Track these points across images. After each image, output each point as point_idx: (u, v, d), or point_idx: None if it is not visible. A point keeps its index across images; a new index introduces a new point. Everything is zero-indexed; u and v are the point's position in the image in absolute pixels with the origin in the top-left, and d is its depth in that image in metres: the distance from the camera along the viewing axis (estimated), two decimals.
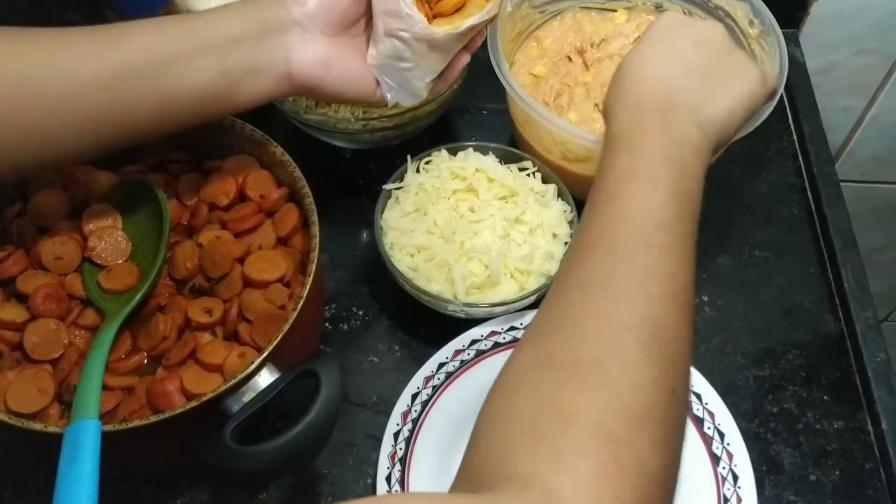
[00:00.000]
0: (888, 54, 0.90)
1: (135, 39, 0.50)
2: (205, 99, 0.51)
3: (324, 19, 0.52)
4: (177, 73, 0.50)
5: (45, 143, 0.49)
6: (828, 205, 0.75)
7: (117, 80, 0.48)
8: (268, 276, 0.57)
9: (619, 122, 0.51)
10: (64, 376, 0.54)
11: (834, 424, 0.65)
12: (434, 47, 0.54)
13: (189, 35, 0.50)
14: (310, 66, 0.52)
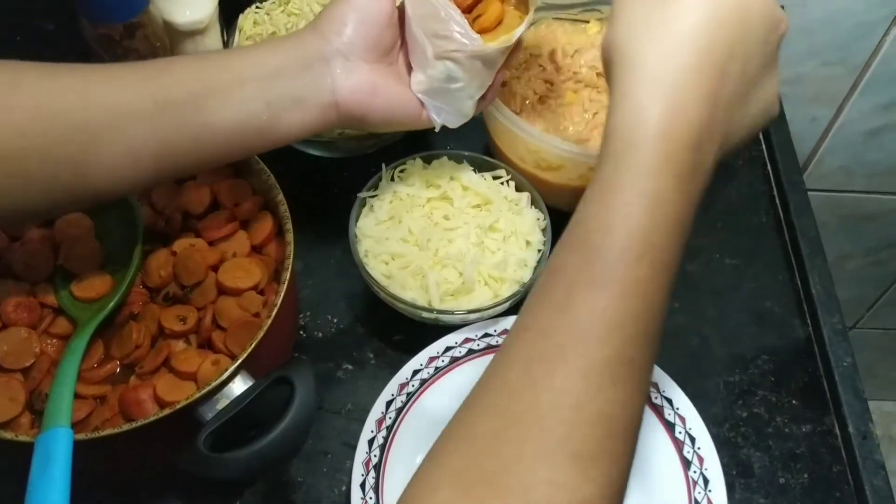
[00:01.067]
0: (853, 66, 0.92)
1: (175, 72, 0.49)
2: (246, 131, 0.51)
3: (363, 46, 0.52)
4: (218, 105, 0.49)
5: (82, 177, 0.48)
6: (796, 213, 0.77)
7: (158, 112, 0.48)
8: (242, 283, 0.57)
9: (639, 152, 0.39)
10: (35, 385, 0.54)
11: (802, 428, 0.66)
12: (485, 63, 0.55)
13: (229, 68, 0.50)
14: (356, 93, 0.52)
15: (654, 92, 0.39)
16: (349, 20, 0.52)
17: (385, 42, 0.54)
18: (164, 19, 0.68)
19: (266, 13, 0.75)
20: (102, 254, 0.59)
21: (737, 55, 0.40)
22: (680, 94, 0.39)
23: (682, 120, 0.39)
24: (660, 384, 0.63)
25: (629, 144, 0.39)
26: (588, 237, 0.39)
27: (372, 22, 0.53)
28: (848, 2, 0.85)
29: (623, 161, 0.39)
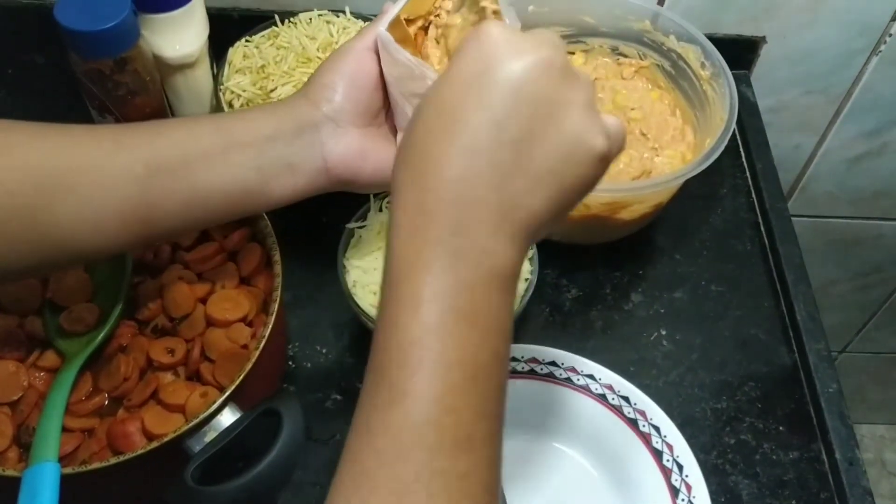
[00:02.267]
0: (835, 94, 0.93)
1: (167, 135, 0.50)
2: (237, 195, 0.51)
3: (352, 111, 0.53)
4: (208, 169, 0.49)
5: (71, 237, 0.47)
6: (780, 240, 0.78)
7: (149, 176, 0.48)
8: (230, 315, 0.57)
9: (397, 236, 0.38)
10: (23, 419, 0.54)
11: (789, 455, 0.66)
12: None
13: (221, 132, 0.50)
14: (346, 158, 0.53)
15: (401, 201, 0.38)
16: (338, 87, 0.53)
17: (373, 106, 0.54)
18: (154, 53, 0.68)
19: (255, 46, 0.76)
20: (91, 286, 0.60)
21: (479, 127, 0.37)
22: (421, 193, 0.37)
23: (427, 217, 0.37)
24: (647, 412, 0.63)
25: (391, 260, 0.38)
26: (374, 354, 0.38)
27: (360, 87, 0.53)
28: (828, 33, 0.86)
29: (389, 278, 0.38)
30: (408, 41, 0.53)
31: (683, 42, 0.75)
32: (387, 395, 0.36)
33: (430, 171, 0.37)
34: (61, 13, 0.62)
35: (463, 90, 0.38)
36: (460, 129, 0.37)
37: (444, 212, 0.37)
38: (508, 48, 0.38)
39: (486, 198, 0.37)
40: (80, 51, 0.64)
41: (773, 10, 0.84)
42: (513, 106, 0.37)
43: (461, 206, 0.37)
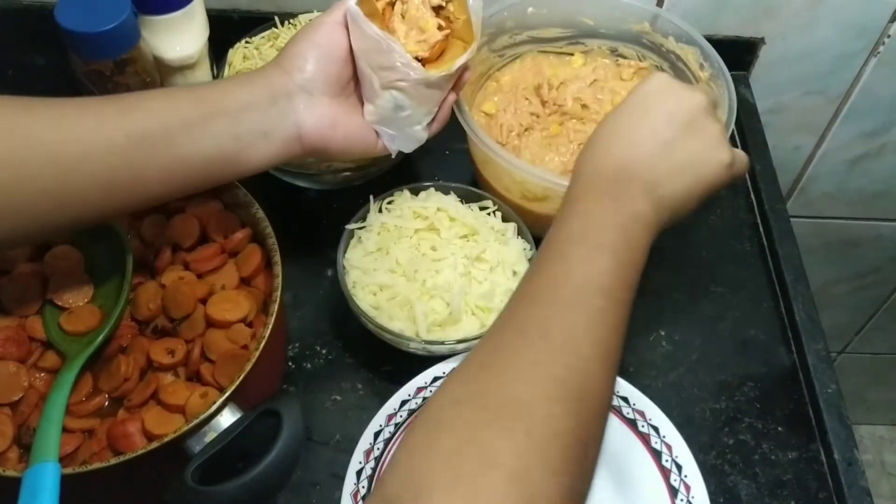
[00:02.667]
0: (834, 95, 0.93)
1: (148, 106, 0.51)
2: (215, 163, 0.53)
3: (324, 81, 0.55)
4: (189, 138, 0.51)
5: (59, 206, 0.49)
6: (779, 241, 0.78)
7: (131, 146, 0.50)
8: (230, 316, 0.57)
9: (578, 184, 0.51)
10: (23, 419, 0.54)
11: (788, 455, 0.66)
12: (430, 90, 0.58)
13: (200, 102, 0.52)
14: (319, 127, 0.55)
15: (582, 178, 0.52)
16: (310, 57, 0.55)
17: (344, 77, 0.57)
18: (154, 55, 0.69)
19: (255, 48, 0.76)
20: (91, 287, 0.60)
21: (640, 126, 0.52)
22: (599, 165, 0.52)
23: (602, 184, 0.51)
24: (646, 412, 0.63)
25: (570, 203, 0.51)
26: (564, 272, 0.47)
27: (331, 58, 0.56)
28: (827, 34, 0.86)
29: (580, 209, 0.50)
30: (375, 16, 0.55)
31: (682, 43, 0.75)
32: (571, 303, 0.45)
33: (604, 155, 0.52)
34: (62, 15, 0.62)
35: (635, 110, 0.53)
36: (628, 132, 0.52)
37: (610, 181, 0.50)
38: (673, 88, 0.54)
39: (639, 175, 0.50)
40: (81, 52, 0.64)
41: (771, 11, 0.85)
42: (666, 120, 0.52)
43: (622, 179, 0.50)
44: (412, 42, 0.57)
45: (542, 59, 0.81)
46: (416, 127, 0.60)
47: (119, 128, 0.50)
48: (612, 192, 0.50)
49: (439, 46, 0.58)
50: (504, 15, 0.76)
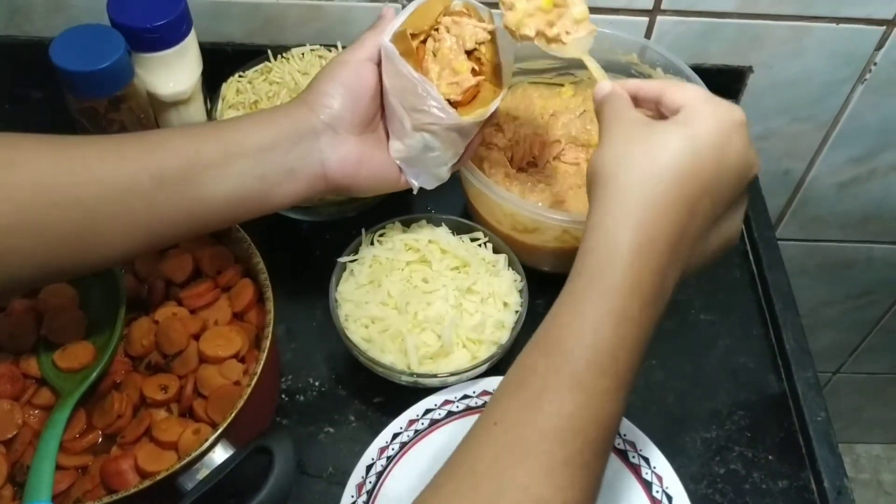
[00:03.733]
0: (822, 122, 0.94)
1: (170, 146, 0.51)
2: (239, 202, 0.53)
3: (350, 119, 0.55)
4: (212, 178, 0.51)
5: (81, 249, 0.49)
6: (768, 268, 0.78)
7: (153, 187, 0.49)
8: (223, 352, 0.58)
9: (622, 250, 0.43)
10: (17, 457, 0.55)
11: (779, 484, 0.66)
12: (460, 134, 0.58)
13: (223, 142, 0.52)
14: (344, 165, 0.55)
15: (629, 220, 0.43)
16: (336, 94, 0.55)
17: (370, 114, 0.57)
18: (147, 91, 0.69)
19: (248, 82, 0.77)
20: (85, 323, 0.60)
21: (708, 193, 0.44)
22: (652, 226, 0.43)
23: (650, 250, 0.43)
24: (636, 443, 0.64)
25: (603, 265, 0.43)
26: (561, 344, 0.43)
27: (358, 96, 0.55)
28: (814, 62, 0.87)
29: (596, 279, 0.43)
30: (410, 55, 0.55)
31: (670, 74, 0.76)
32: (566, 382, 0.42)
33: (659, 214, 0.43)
34: (57, 53, 0.63)
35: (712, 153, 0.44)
36: (694, 188, 0.44)
37: (667, 253, 0.43)
38: (753, 149, 0.46)
39: (684, 252, 0.45)
40: (75, 90, 0.65)
41: (759, 40, 0.86)
42: (729, 187, 0.45)
43: (673, 254, 0.44)
44: (444, 84, 0.57)
45: (533, 90, 0.82)
46: (443, 167, 0.61)
47: (141, 169, 0.49)
48: (653, 288, 0.43)
49: (472, 90, 0.58)
50: None
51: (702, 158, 0.43)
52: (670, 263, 0.44)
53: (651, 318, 0.44)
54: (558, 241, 0.69)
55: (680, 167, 0.43)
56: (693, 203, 0.44)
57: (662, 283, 0.44)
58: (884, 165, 1.00)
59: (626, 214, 0.43)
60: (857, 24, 0.84)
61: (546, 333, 0.44)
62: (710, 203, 0.44)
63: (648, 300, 0.43)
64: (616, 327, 0.42)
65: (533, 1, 0.56)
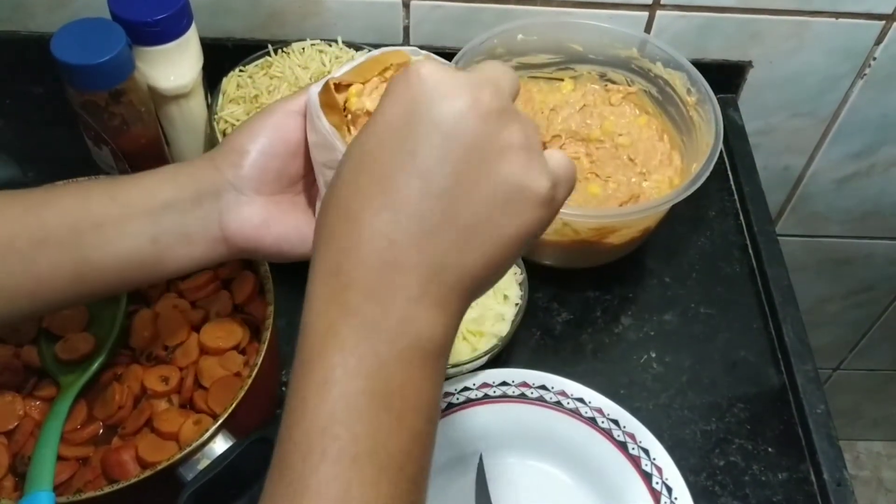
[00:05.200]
0: (822, 117, 0.95)
1: (56, 204, 0.47)
2: (129, 267, 0.48)
3: (259, 179, 0.49)
4: (100, 240, 0.46)
5: None
6: (768, 262, 0.79)
7: (33, 248, 0.45)
8: (223, 343, 0.58)
9: (310, 306, 0.35)
10: (19, 448, 0.55)
11: (779, 476, 0.67)
12: None
13: (116, 200, 0.47)
14: (245, 228, 0.49)
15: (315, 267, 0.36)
16: (249, 151, 0.49)
17: (289, 172, 0.50)
18: (149, 84, 0.70)
19: (249, 76, 0.77)
20: (86, 315, 0.61)
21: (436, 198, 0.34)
22: (333, 257, 0.35)
23: (336, 285, 0.34)
24: (636, 435, 0.64)
25: (303, 328, 0.35)
26: (280, 443, 0.35)
27: (274, 154, 0.49)
28: (814, 57, 0.88)
29: (299, 355, 0.35)
30: (334, 107, 0.49)
31: (670, 69, 0.77)
32: (287, 489, 0.33)
33: (347, 229, 0.34)
34: (57, 47, 0.63)
35: (386, 137, 0.35)
36: (381, 181, 0.34)
37: (361, 276, 0.34)
38: (437, 89, 0.35)
39: (408, 259, 0.34)
40: (76, 83, 0.65)
41: (759, 36, 0.86)
42: (440, 154, 0.34)
43: (379, 269, 0.33)
44: None
45: (532, 84, 0.82)
46: None
47: (21, 229, 0.45)
48: (366, 315, 0.34)
49: None
50: (494, 42, 0.77)
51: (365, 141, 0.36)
52: (371, 285, 0.34)
53: (377, 358, 0.34)
54: (558, 234, 0.69)
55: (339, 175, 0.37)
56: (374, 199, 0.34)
57: (371, 311, 0.34)
58: (884, 161, 1.00)
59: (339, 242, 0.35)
60: (856, 18, 0.84)
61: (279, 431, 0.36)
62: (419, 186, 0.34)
63: (352, 345, 0.34)
64: (319, 398, 0.33)
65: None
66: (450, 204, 0.34)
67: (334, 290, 0.34)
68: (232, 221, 0.48)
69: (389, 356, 0.33)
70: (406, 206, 0.34)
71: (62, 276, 0.46)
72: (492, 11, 0.84)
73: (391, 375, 0.33)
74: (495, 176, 0.35)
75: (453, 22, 0.85)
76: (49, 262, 0.45)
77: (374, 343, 0.33)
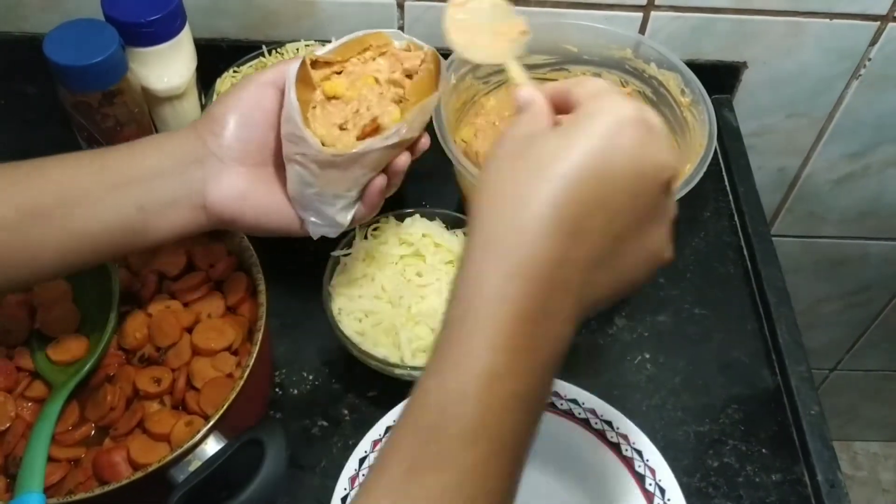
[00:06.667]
0: (817, 117, 0.95)
1: (46, 177, 0.48)
2: (118, 235, 0.49)
3: (241, 150, 0.51)
4: (87, 211, 0.48)
5: None
6: (762, 263, 0.79)
7: (23, 220, 0.47)
8: (215, 344, 0.58)
9: (474, 285, 0.37)
10: (10, 449, 0.55)
11: (772, 477, 0.67)
12: (337, 170, 0.52)
13: (103, 171, 0.49)
14: (226, 198, 0.51)
15: (493, 258, 0.36)
16: (229, 121, 0.51)
17: (267, 144, 0.52)
18: (142, 85, 0.70)
19: (243, 77, 0.77)
20: (79, 317, 0.61)
21: (600, 207, 0.36)
22: (520, 260, 0.36)
23: (520, 290, 0.36)
24: (629, 436, 0.64)
25: (466, 313, 0.36)
26: (424, 417, 0.37)
27: (252, 124, 0.51)
28: (809, 58, 0.88)
29: (460, 332, 0.37)
30: (307, 82, 0.51)
31: (664, 69, 0.76)
32: (432, 461, 0.35)
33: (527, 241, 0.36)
34: (50, 47, 0.63)
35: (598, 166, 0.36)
36: (581, 203, 0.36)
37: (540, 288, 0.36)
38: (660, 147, 0.38)
39: (573, 283, 0.37)
40: (68, 84, 0.65)
41: (753, 36, 0.86)
42: (630, 201, 0.37)
43: (553, 288, 0.36)
44: (350, 114, 0.52)
45: None
46: (329, 209, 0.54)
47: (9, 202, 0.46)
48: (528, 336, 0.36)
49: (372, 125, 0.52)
50: None
51: (581, 168, 0.36)
52: (551, 302, 0.36)
53: (531, 370, 0.37)
54: None
55: (553, 193, 0.36)
56: (575, 222, 0.36)
57: (543, 327, 0.36)
58: (879, 161, 1.00)
59: (491, 253, 0.36)
60: (851, 19, 0.84)
61: (412, 404, 0.38)
62: (601, 223, 0.37)
63: (523, 351, 0.36)
64: (483, 390, 0.35)
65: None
66: (616, 248, 0.38)
67: (514, 291, 0.36)
68: (214, 189, 0.50)
69: (543, 364, 0.37)
70: (591, 234, 0.37)
71: (53, 245, 0.47)
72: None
73: (539, 381, 0.37)
74: (655, 237, 0.39)
75: None
76: (39, 233, 0.47)
77: (537, 351, 0.37)
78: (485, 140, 0.76)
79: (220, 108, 0.51)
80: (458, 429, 0.35)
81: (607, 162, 0.36)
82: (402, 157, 0.55)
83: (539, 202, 0.36)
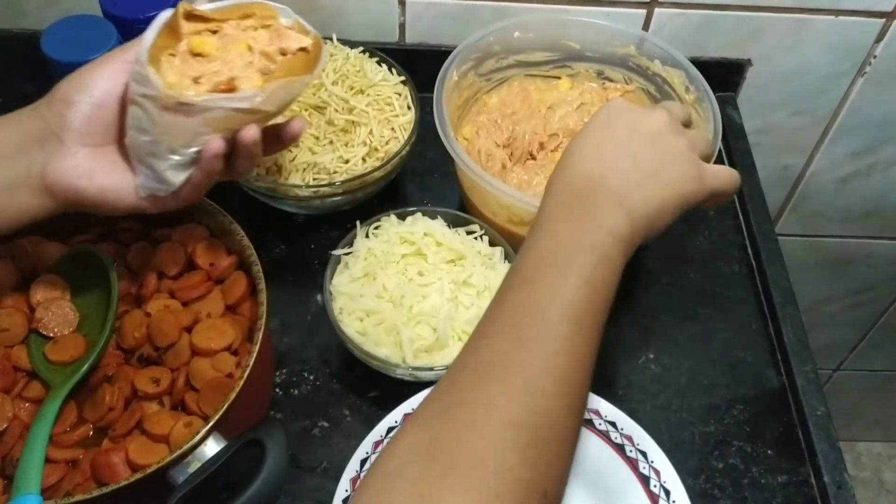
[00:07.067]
0: (822, 115, 0.94)
1: None
2: None
3: (84, 131, 0.49)
4: None
5: None
6: (767, 262, 0.78)
7: None
8: (215, 344, 0.57)
9: (548, 204, 0.50)
10: (7, 450, 0.54)
11: (778, 478, 0.66)
12: (174, 115, 0.49)
13: None
14: (68, 178, 0.49)
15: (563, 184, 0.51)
16: (75, 102, 0.49)
17: (117, 124, 0.50)
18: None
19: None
20: (77, 316, 0.60)
21: (625, 155, 0.51)
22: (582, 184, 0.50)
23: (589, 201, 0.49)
24: (634, 437, 0.63)
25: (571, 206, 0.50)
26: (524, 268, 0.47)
27: (102, 105, 0.49)
28: (813, 55, 0.87)
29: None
30: (175, 34, 0.50)
31: (668, 66, 0.76)
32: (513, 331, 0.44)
33: (571, 170, 0.51)
34: (48, 44, 0.62)
35: (599, 128, 0.52)
36: (594, 147, 0.51)
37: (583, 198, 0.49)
38: (631, 107, 0.53)
39: (609, 185, 0.49)
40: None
41: (757, 33, 0.85)
42: (630, 134, 0.52)
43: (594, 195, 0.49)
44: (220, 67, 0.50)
45: (529, 82, 0.81)
46: (161, 163, 0.51)
47: None
48: (583, 206, 0.48)
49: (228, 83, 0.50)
50: (490, 39, 0.77)
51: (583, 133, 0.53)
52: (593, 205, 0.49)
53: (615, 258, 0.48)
54: None
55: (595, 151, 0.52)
56: (614, 170, 0.50)
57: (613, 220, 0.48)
58: (884, 160, 1.00)
59: (568, 175, 0.51)
60: (856, 16, 0.83)
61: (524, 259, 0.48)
62: (630, 163, 0.50)
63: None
64: (593, 268, 0.46)
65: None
66: (636, 159, 0.50)
67: (564, 201, 0.50)
68: (54, 171, 0.49)
69: (599, 239, 0.47)
70: (609, 158, 0.51)
71: None
72: (488, 9, 0.83)
73: (602, 252, 0.47)
74: (666, 152, 0.51)
75: (449, 19, 0.84)
76: None
77: (591, 232, 0.48)
78: (487, 138, 0.76)
79: (70, 88, 0.49)
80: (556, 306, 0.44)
81: (606, 118, 0.53)
82: (250, 128, 0.51)
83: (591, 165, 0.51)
